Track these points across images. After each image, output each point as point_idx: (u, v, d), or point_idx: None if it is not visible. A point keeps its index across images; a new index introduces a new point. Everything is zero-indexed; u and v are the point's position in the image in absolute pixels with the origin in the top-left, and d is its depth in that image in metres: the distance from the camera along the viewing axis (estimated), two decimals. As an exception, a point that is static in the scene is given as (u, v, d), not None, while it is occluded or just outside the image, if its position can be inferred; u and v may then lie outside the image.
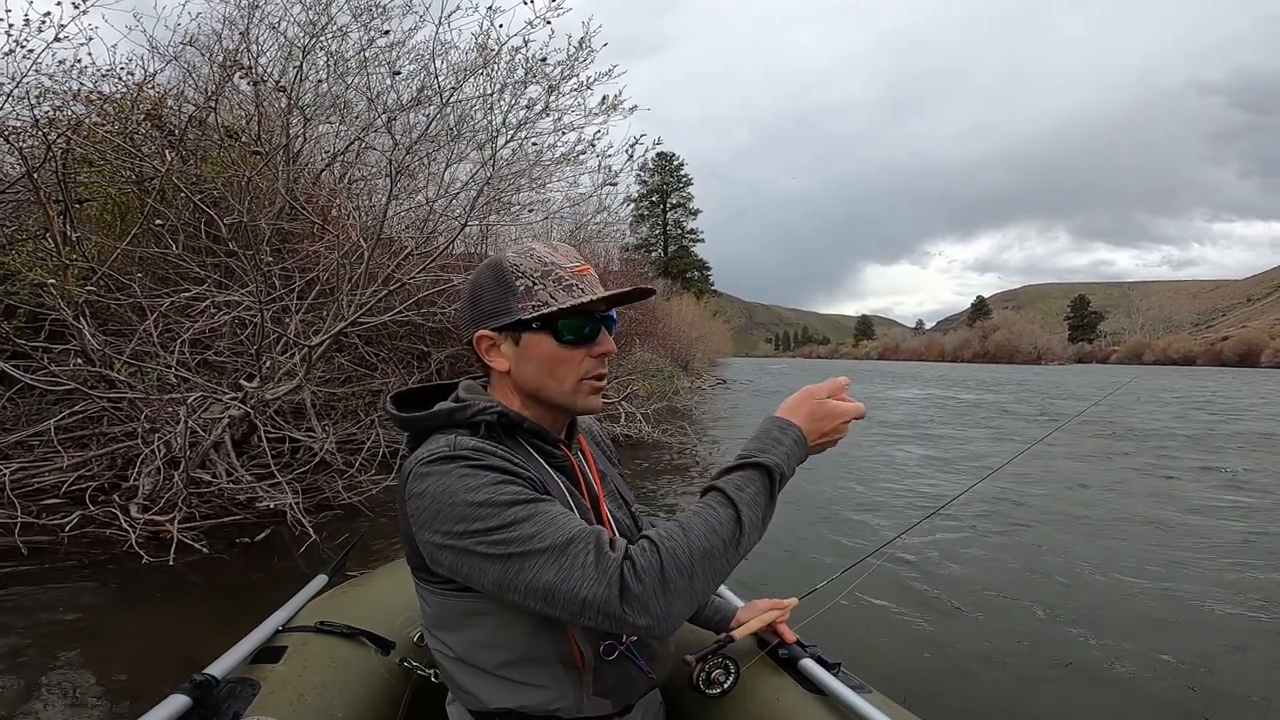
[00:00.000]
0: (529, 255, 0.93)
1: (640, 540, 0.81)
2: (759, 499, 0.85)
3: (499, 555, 0.79)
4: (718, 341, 33.47)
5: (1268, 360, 79.80)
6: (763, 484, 0.86)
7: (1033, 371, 53.72)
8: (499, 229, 6.54)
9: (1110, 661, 2.62)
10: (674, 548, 0.78)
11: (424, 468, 0.84)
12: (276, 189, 4.42)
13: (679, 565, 0.77)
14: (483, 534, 0.79)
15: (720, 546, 0.80)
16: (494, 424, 0.90)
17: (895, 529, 1.39)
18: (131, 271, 4.05)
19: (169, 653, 2.45)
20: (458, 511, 0.80)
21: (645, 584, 0.76)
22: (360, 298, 4.18)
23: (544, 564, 0.78)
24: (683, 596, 0.78)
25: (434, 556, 0.85)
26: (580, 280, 0.92)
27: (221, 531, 3.60)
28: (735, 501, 0.83)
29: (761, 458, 0.87)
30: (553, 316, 0.90)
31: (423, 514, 0.83)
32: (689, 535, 0.80)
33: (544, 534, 0.79)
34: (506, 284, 0.91)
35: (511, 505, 0.80)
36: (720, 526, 0.81)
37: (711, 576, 0.80)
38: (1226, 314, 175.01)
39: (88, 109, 4.51)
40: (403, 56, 5.07)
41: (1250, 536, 4.45)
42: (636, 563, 0.78)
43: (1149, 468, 7.20)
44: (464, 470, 0.82)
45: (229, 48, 4.62)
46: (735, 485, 0.85)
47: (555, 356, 0.92)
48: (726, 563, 0.81)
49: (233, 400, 3.81)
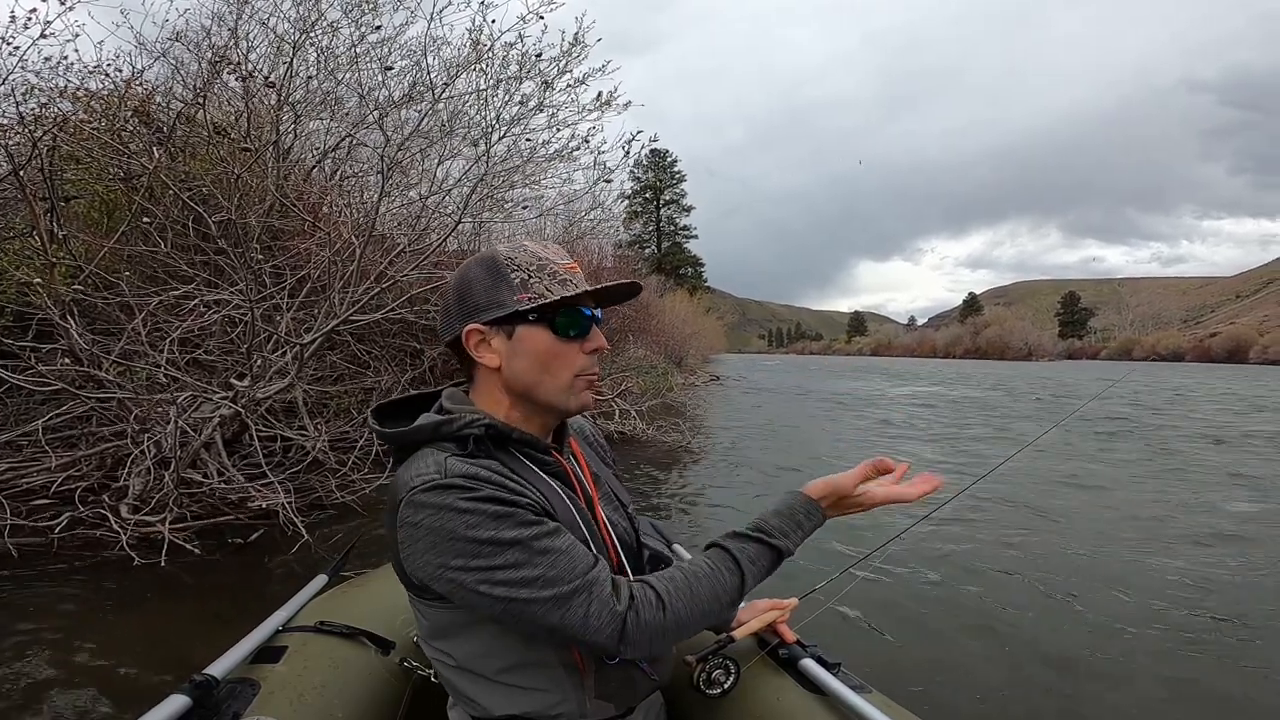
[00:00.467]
0: (522, 250, 0.91)
1: (647, 590, 0.84)
2: (763, 574, 0.92)
3: (501, 596, 0.79)
4: (711, 338, 33.54)
5: (1256, 357, 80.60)
6: (771, 562, 0.92)
7: (1024, 368, 54.08)
8: (492, 226, 6.51)
9: (1110, 660, 2.63)
10: (678, 609, 0.84)
11: (419, 497, 0.81)
12: (266, 186, 4.38)
13: (679, 624, 0.84)
14: (483, 571, 0.78)
15: (719, 610, 0.88)
16: (482, 437, 0.88)
17: (895, 528, 1.39)
18: (119, 270, 4.01)
19: (162, 655, 2.43)
20: (456, 547, 0.78)
21: (645, 634, 0.82)
22: (353, 295, 4.16)
23: (547, 610, 0.79)
24: (673, 641, 0.86)
25: (427, 584, 0.83)
26: (572, 276, 0.92)
27: (213, 532, 3.57)
28: (745, 574, 0.89)
29: (779, 541, 0.92)
30: (551, 308, 0.89)
31: (416, 544, 0.81)
32: (695, 600, 0.85)
33: (548, 578, 0.79)
34: (501, 276, 0.89)
35: (512, 545, 0.79)
36: (725, 594, 0.88)
37: (702, 628, 0.90)
38: (1215, 310, 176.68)
39: (74, 106, 4.46)
40: (394, 52, 5.03)
41: (1248, 534, 4.48)
42: (641, 616, 0.82)
43: (1148, 465, 7.25)
44: (462, 503, 0.79)
45: (218, 44, 4.57)
46: (749, 558, 0.90)
47: (552, 350, 0.90)
48: (718, 619, 0.92)
49: (223, 399, 3.77)
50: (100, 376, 3.72)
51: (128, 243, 4.25)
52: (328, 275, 4.35)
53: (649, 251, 51.52)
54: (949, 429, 10.65)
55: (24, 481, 3.60)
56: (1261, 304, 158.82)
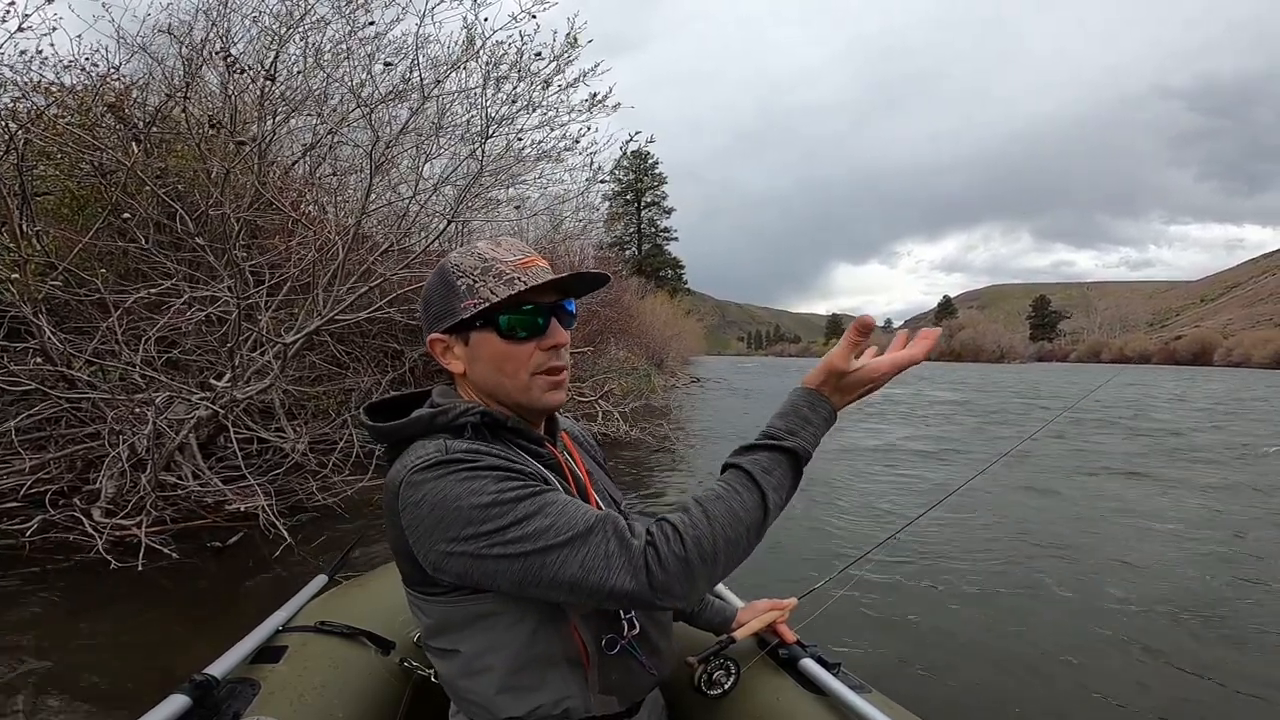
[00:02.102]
0: (470, 254, 0.90)
1: (662, 524, 0.79)
2: (785, 483, 0.82)
3: (517, 554, 0.77)
4: (691, 340, 33.63)
5: (1220, 359, 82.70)
6: (789, 467, 0.83)
7: (998, 370, 54.91)
8: (475, 225, 6.47)
9: (1110, 660, 2.65)
10: (699, 536, 0.77)
11: (417, 475, 0.81)
12: (247, 182, 4.31)
13: (703, 554, 0.77)
14: (495, 534, 0.77)
15: (745, 534, 0.79)
16: (479, 425, 0.88)
17: (893, 527, 1.40)
18: (94, 267, 3.91)
19: (142, 659, 2.38)
20: (464, 515, 0.78)
21: (670, 572, 0.76)
22: (337, 294, 4.10)
23: (567, 556, 0.76)
24: (705, 579, 0.78)
25: (440, 565, 0.82)
26: (522, 273, 0.88)
27: (191, 535, 3.51)
28: (762, 486, 0.81)
29: (789, 441, 0.83)
30: (491, 311, 0.88)
31: (422, 524, 0.80)
32: (713, 523, 0.78)
33: (559, 525, 0.77)
34: (449, 285, 0.90)
35: (519, 501, 0.78)
36: (745, 513, 0.79)
37: (734, 561, 0.80)
38: (1180, 314, 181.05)
39: (48, 100, 4.35)
40: (383, 49, 4.97)
41: (1231, 529, 4.56)
42: (660, 551, 0.77)
43: (1145, 464, 7.33)
44: (462, 474, 0.80)
45: (199, 39, 4.48)
46: (762, 468, 0.82)
47: (502, 353, 0.89)
48: (749, 547, 0.81)
49: (202, 399, 3.70)
50: (73, 376, 3.63)
51: (101, 239, 4.15)
52: (311, 274, 4.29)
53: (630, 253, 51.55)
54: (934, 428, 10.79)
55: (-7, 484, 3.50)
56: (1225, 308, 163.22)
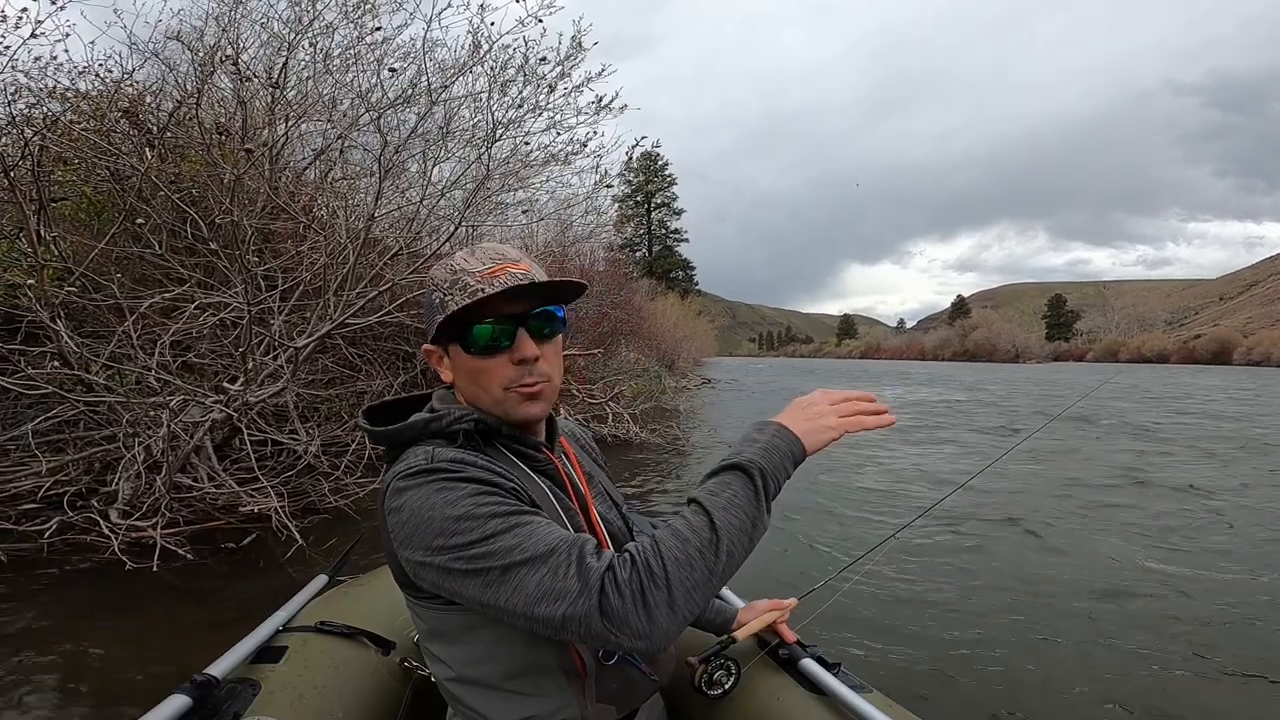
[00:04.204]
0: (445, 266, 0.91)
1: (622, 554, 0.77)
2: (737, 500, 0.79)
3: (477, 570, 0.75)
4: (702, 341, 33.55)
5: (1239, 359, 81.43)
6: (741, 485, 0.80)
7: (1012, 370, 54.41)
8: (485, 229, 6.51)
9: (1109, 659, 2.64)
10: (647, 560, 0.74)
11: (401, 482, 0.82)
12: (260, 188, 4.36)
13: (654, 578, 0.73)
14: (460, 549, 0.76)
15: (695, 555, 0.75)
16: (472, 432, 0.89)
17: (893, 528, 1.39)
18: (110, 272, 3.97)
19: (157, 659, 2.41)
20: (435, 526, 0.77)
21: (625, 598, 0.72)
22: (347, 298, 4.14)
23: (524, 576, 0.74)
24: (663, 611, 0.72)
25: (416, 574, 0.82)
26: (488, 282, 0.86)
27: (205, 537, 3.55)
28: (707, 507, 0.79)
29: (735, 458, 0.83)
30: (452, 325, 0.88)
31: (402, 529, 0.81)
32: (660, 546, 0.75)
33: (523, 545, 0.75)
34: (430, 300, 0.92)
35: (490, 518, 0.77)
36: (693, 535, 0.76)
37: (692, 588, 0.74)
38: (1199, 313, 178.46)
39: (63, 106, 4.42)
40: (391, 54, 5.01)
41: (1238, 533, 4.52)
42: (618, 575, 0.73)
43: (1144, 463, 7.27)
44: (441, 484, 0.80)
45: (210, 44, 4.54)
46: (709, 491, 0.81)
47: (472, 367, 0.90)
48: (706, 571, 0.75)
49: (216, 403, 3.75)
50: (90, 379, 3.68)
51: (117, 244, 4.22)
52: (322, 278, 4.33)
53: (640, 255, 51.61)
54: (941, 429, 10.69)
55: (12, 486, 3.56)
56: (1245, 306, 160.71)
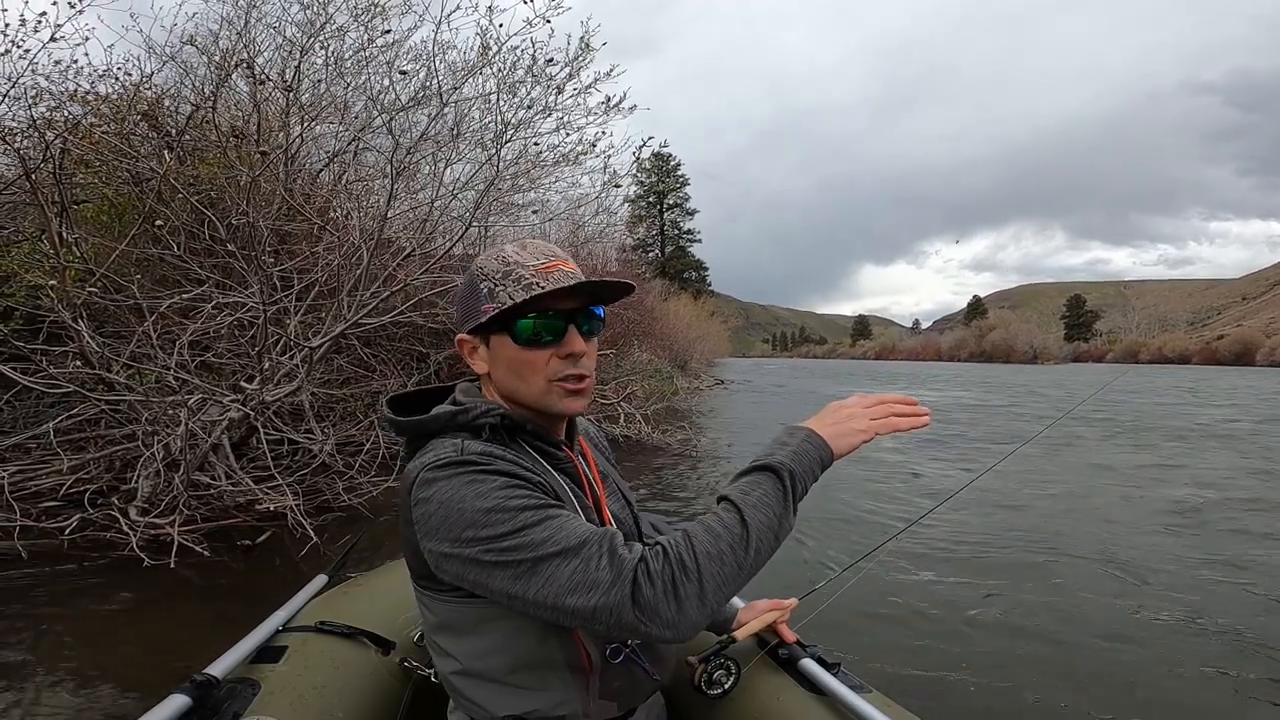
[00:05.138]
0: (495, 257, 0.91)
1: (654, 546, 0.80)
2: (767, 500, 0.83)
3: (509, 562, 0.77)
4: (715, 342, 33.47)
5: (1263, 359, 79.96)
6: (771, 485, 0.84)
7: (1031, 371, 53.81)
8: (497, 230, 6.54)
9: (1109, 660, 2.63)
10: (680, 553, 0.77)
11: (430, 473, 0.83)
12: (276, 190, 4.42)
13: (686, 570, 0.76)
14: (491, 541, 0.78)
15: (726, 550, 0.78)
16: (497, 426, 0.89)
17: (894, 529, 1.38)
18: (130, 273, 4.05)
19: (171, 655, 2.45)
20: (465, 518, 0.79)
21: (656, 589, 0.75)
22: (361, 298, 4.18)
23: (556, 568, 0.76)
24: (693, 602, 0.76)
25: (440, 564, 0.83)
26: (543, 278, 0.88)
27: (222, 534, 3.59)
28: (739, 504, 0.82)
29: (765, 460, 0.87)
30: (504, 316, 0.88)
31: (429, 520, 0.81)
32: (693, 540, 0.78)
33: (555, 538, 0.77)
34: (474, 287, 0.91)
35: (522, 511, 0.79)
36: (724, 531, 0.80)
37: (722, 582, 0.78)
38: (1222, 313, 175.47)
39: (84, 109, 4.50)
40: (401, 56, 5.06)
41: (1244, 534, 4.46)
42: (650, 566, 0.76)
43: (1150, 465, 7.20)
44: (472, 476, 0.81)
45: (225, 47, 4.61)
46: (740, 490, 0.84)
47: (518, 358, 0.90)
48: (736, 566, 0.79)
49: (233, 402, 3.80)
50: (110, 379, 3.75)
51: (137, 246, 4.29)
52: (337, 279, 4.37)
53: (653, 255, 51.60)
54: (944, 429, 10.57)
55: (33, 484, 3.64)
56: (1268, 306, 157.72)
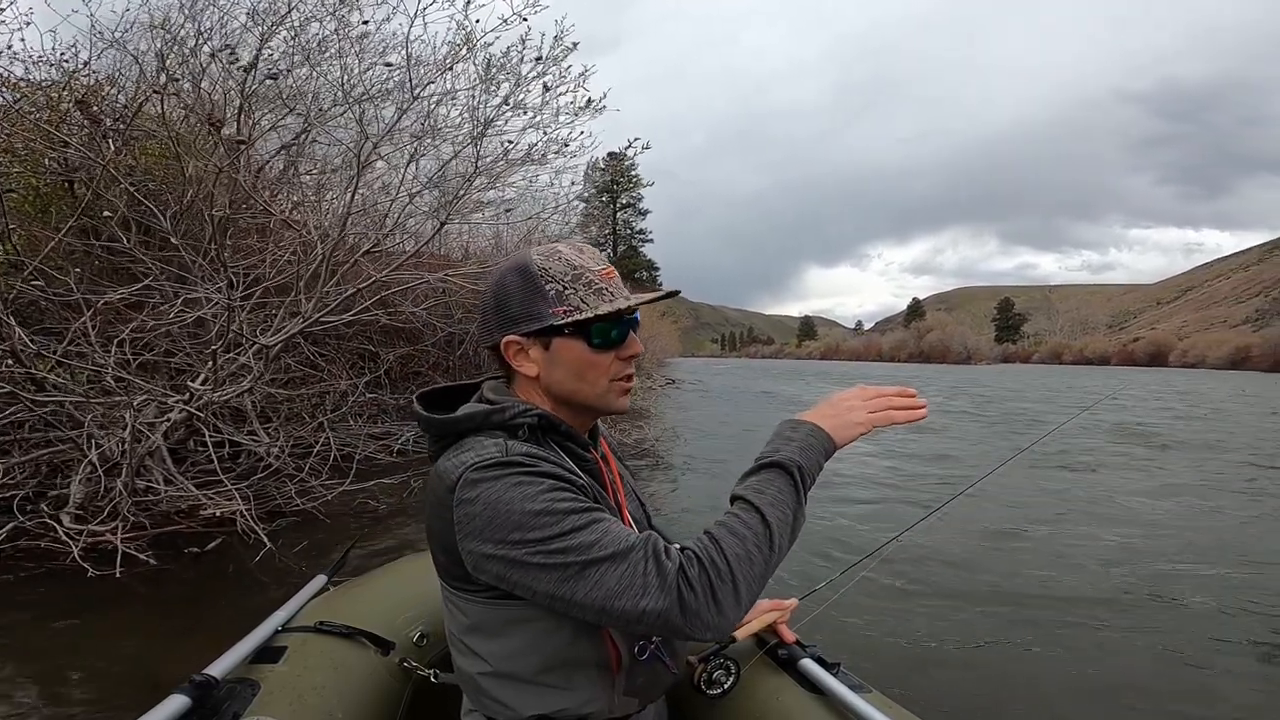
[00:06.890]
0: (556, 258, 0.91)
1: (685, 550, 0.82)
2: (781, 496, 0.86)
3: (557, 565, 0.78)
4: (666, 341, 33.61)
5: (1175, 360, 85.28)
6: (784, 482, 0.87)
7: (965, 371, 55.69)
8: (452, 228, 6.43)
9: (1108, 660, 2.67)
10: (711, 556, 0.80)
11: (475, 474, 0.82)
12: (229, 179, 4.23)
13: (720, 574, 0.79)
14: (540, 544, 0.78)
15: (754, 551, 0.81)
16: (535, 426, 0.90)
17: (894, 529, 1.43)
18: (65, 266, 3.82)
19: (125, 665, 2.34)
20: (513, 520, 0.79)
21: (698, 595, 0.78)
22: (320, 296, 4.04)
23: (605, 572, 0.78)
24: (730, 603, 0.79)
25: (480, 565, 0.83)
26: (608, 284, 0.92)
27: (168, 541, 3.43)
28: (756, 504, 0.85)
29: (774, 456, 0.89)
30: (587, 323, 0.90)
31: (473, 521, 0.81)
32: (720, 543, 0.81)
33: (603, 542, 0.79)
34: (536, 288, 0.90)
35: (569, 514, 0.80)
36: (748, 532, 0.82)
37: (753, 581, 0.81)
38: (1137, 316, 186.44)
39: (15, 96, 4.22)
40: (375, 47, 4.90)
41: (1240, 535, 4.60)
42: (688, 572, 0.79)
43: (1147, 466, 7.36)
44: (519, 478, 0.81)
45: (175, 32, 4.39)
46: (754, 489, 0.87)
47: (586, 361, 0.91)
48: (764, 564, 0.82)
49: (177, 402, 3.63)
50: (42, 378, 3.53)
51: (78, 239, 4.05)
52: (295, 275, 4.22)
53: (605, 254, 51.47)
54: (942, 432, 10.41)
55: (-45, 490, 3.39)
56: (1180, 310, 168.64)
